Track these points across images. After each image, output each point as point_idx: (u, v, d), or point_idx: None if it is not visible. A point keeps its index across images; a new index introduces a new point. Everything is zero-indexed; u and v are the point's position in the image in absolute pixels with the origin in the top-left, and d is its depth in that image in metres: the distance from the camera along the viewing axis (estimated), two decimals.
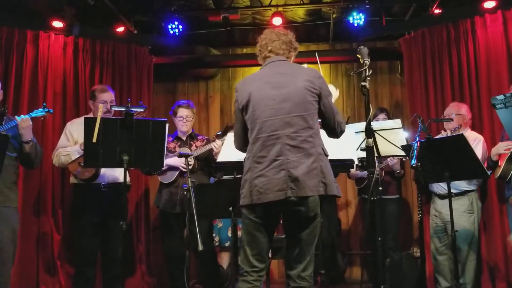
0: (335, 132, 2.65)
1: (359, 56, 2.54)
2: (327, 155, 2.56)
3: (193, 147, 4.32)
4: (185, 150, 4.23)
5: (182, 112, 4.31)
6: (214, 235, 4.68)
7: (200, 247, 3.22)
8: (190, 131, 4.40)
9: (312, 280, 2.55)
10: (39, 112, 3.65)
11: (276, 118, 2.50)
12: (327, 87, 2.62)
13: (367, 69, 2.44)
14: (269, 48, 2.68)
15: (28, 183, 4.39)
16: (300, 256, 2.52)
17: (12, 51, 4.51)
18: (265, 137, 2.50)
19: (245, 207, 2.55)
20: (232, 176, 3.50)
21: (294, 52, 2.76)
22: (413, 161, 3.45)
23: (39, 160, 3.84)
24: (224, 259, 4.74)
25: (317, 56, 3.41)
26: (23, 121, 3.53)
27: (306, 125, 2.49)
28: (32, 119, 3.59)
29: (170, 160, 4.11)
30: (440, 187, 4.14)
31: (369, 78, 2.44)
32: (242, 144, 2.73)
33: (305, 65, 2.79)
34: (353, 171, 4.46)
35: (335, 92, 2.88)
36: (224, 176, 4.08)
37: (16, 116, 3.57)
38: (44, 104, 3.72)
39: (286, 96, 2.51)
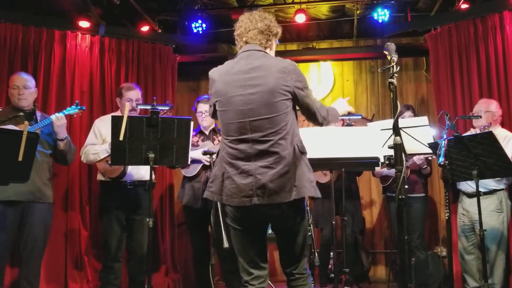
0: (317, 121, 2.51)
1: (386, 53, 2.48)
2: (303, 152, 2.41)
3: (216, 142, 4.34)
4: (209, 144, 4.24)
5: (202, 107, 4.32)
6: None
7: (226, 244, 3.22)
8: (213, 126, 4.41)
9: (308, 269, 2.53)
10: (72, 110, 3.72)
11: (243, 122, 2.37)
12: (302, 79, 2.43)
13: (394, 65, 2.40)
14: (244, 39, 2.49)
15: (56, 180, 4.46)
16: (293, 257, 2.48)
17: (40, 51, 4.61)
18: (233, 139, 2.40)
19: (229, 217, 2.48)
20: None
21: (274, 38, 2.55)
22: (441, 159, 3.40)
23: (73, 157, 3.92)
24: None
25: None
26: (58, 119, 3.61)
27: (277, 127, 2.34)
28: (65, 116, 3.66)
29: (194, 154, 4.12)
30: (468, 186, 4.07)
31: (396, 75, 2.40)
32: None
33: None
34: (378, 169, 4.42)
35: (343, 104, 2.80)
36: None
37: (52, 115, 3.65)
38: (77, 102, 3.79)
39: (255, 98, 2.35)
